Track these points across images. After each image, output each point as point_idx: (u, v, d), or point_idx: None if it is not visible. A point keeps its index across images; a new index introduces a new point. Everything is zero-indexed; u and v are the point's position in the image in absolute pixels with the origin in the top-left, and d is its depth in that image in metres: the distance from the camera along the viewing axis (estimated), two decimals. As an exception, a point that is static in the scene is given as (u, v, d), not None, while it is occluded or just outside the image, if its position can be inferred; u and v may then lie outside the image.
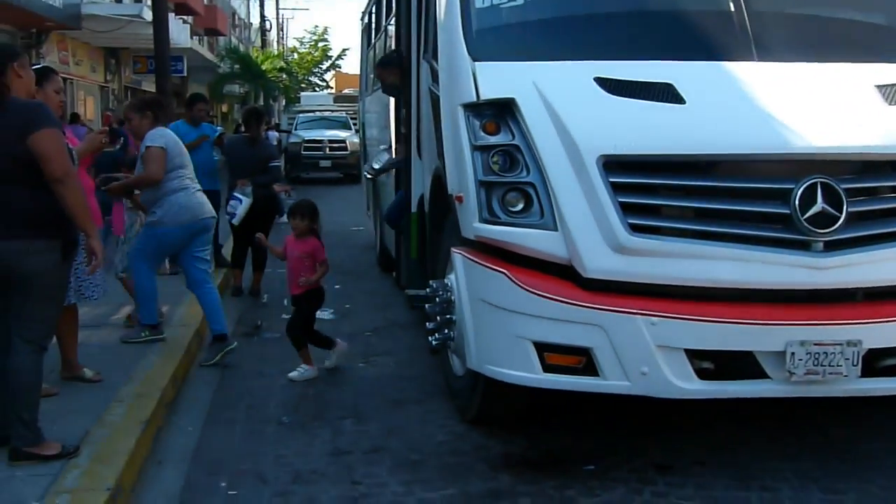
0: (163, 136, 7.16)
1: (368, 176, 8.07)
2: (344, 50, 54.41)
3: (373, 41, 12.09)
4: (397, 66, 7.36)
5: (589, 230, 4.69)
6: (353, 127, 27.25)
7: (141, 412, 5.66)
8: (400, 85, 7.19)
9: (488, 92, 5.12)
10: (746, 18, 5.39)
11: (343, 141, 27.51)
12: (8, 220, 4.64)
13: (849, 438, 5.54)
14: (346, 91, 42.64)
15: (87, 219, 4.87)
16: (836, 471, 5.05)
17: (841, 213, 4.56)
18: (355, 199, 15.20)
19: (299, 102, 41.26)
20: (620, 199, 4.66)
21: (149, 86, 25.15)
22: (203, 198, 7.48)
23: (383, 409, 6.20)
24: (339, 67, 52.08)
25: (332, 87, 52.47)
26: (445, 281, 5.65)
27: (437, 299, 5.67)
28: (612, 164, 4.71)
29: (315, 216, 7.08)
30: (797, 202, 4.55)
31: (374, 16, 11.84)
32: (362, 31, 13.71)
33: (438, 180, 5.87)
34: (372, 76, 12.41)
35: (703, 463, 5.15)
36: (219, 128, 12.97)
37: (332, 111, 34.00)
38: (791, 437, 5.55)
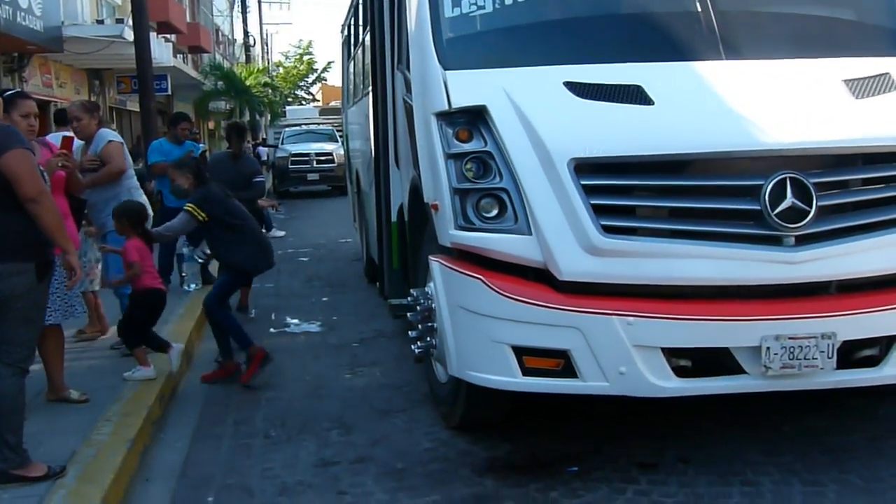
0: (116, 135, 7.53)
1: (200, 261, 8.12)
2: (329, 62, 54.07)
3: (352, 53, 12.13)
4: (190, 171, 7.31)
5: (562, 233, 4.72)
6: (339, 139, 27.34)
7: (128, 430, 5.69)
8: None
9: (460, 100, 5.16)
10: (713, 18, 5.43)
11: (330, 154, 27.54)
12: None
13: (827, 430, 5.58)
14: (332, 103, 42.73)
15: (64, 236, 4.92)
16: (816, 462, 5.10)
17: (811, 207, 4.60)
18: (343, 211, 15.22)
19: (285, 117, 41.24)
20: (592, 202, 4.69)
21: (133, 105, 25.16)
22: None
23: (369, 418, 6.23)
24: (325, 80, 52.16)
25: (318, 100, 52.53)
26: (426, 289, 5.69)
27: (419, 308, 5.71)
28: (583, 167, 4.74)
29: (133, 217, 6.94)
30: (767, 198, 4.59)
31: (352, 28, 11.88)
32: (343, 44, 13.75)
33: (416, 189, 5.91)
34: (352, 87, 12.46)
35: (686, 460, 5.19)
36: (201, 145, 12.97)
37: (318, 124, 34.07)
38: (771, 430, 5.59)
